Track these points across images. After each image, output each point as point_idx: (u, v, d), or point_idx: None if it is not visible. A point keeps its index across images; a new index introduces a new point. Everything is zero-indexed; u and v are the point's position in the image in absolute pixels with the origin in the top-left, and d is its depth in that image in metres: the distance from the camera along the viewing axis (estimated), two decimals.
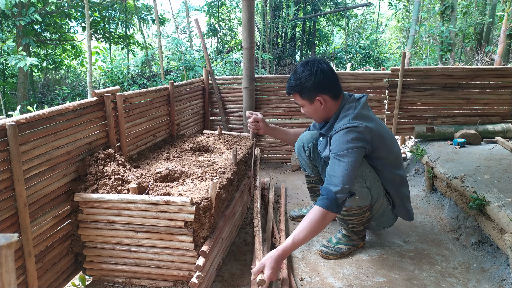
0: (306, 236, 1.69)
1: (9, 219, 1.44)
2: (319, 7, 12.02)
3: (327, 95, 1.89)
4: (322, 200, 1.70)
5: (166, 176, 2.01)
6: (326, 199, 1.69)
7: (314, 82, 1.85)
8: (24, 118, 1.50)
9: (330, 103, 1.91)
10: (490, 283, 1.81)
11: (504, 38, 6.19)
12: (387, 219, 2.10)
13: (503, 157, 2.90)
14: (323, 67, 1.87)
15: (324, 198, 1.70)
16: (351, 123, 1.78)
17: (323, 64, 1.88)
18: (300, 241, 1.69)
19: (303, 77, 1.86)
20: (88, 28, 5.86)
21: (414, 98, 3.64)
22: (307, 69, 1.86)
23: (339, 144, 1.75)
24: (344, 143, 1.74)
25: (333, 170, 1.74)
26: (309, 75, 1.85)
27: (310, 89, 1.87)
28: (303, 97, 1.91)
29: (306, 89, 1.87)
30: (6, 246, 0.56)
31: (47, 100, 8.47)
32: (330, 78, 1.87)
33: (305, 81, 1.86)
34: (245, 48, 3.54)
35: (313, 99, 1.89)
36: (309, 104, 1.93)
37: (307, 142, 2.18)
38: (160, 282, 1.76)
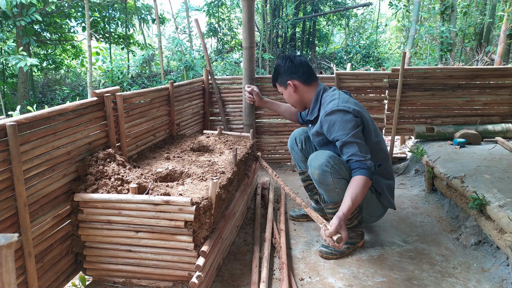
0: (358, 199, 1.78)
1: (9, 219, 1.44)
2: (319, 7, 12.02)
3: (297, 80, 2.13)
4: (360, 170, 1.84)
5: (166, 176, 2.01)
6: (364, 169, 1.84)
7: (284, 69, 2.14)
8: (24, 118, 1.50)
9: (302, 87, 2.14)
10: (490, 283, 1.81)
11: (504, 38, 6.19)
12: (375, 207, 2.13)
13: (503, 157, 2.90)
14: (292, 57, 2.15)
15: (361, 168, 1.84)
16: (340, 106, 1.95)
17: (295, 56, 2.16)
18: (357, 202, 1.78)
19: (277, 67, 2.18)
20: (88, 28, 5.86)
21: (414, 98, 3.64)
22: (282, 59, 2.18)
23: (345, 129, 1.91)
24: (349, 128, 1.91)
25: (356, 148, 1.89)
26: (282, 63, 2.16)
27: (282, 75, 2.15)
28: (279, 83, 2.20)
29: (279, 75, 2.17)
30: (6, 246, 0.56)
31: (47, 100, 8.47)
32: (298, 65, 2.12)
33: (278, 68, 2.17)
34: (245, 48, 3.54)
35: (285, 83, 2.16)
36: (284, 90, 2.20)
37: (299, 135, 2.39)
38: (160, 282, 1.76)
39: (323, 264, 2.01)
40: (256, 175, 3.01)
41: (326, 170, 1.90)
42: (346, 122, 1.91)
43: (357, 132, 1.91)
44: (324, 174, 1.91)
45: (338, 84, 3.60)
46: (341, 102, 1.98)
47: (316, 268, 1.97)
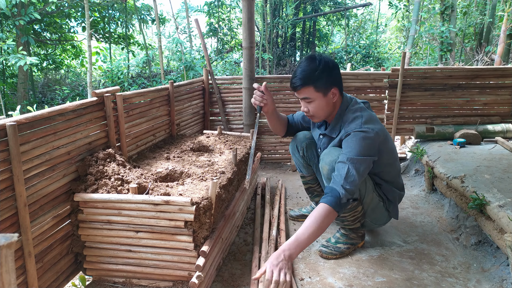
0: (312, 234, 1.62)
1: (9, 219, 1.44)
2: (319, 7, 12.02)
3: (338, 88, 1.89)
4: (326, 197, 1.71)
5: (166, 176, 2.01)
6: (330, 196, 1.70)
7: (330, 73, 1.82)
8: (24, 118, 1.50)
9: (338, 97, 1.92)
10: (490, 283, 1.81)
11: (504, 38, 6.19)
12: (380, 215, 2.10)
13: (503, 157, 2.89)
14: (334, 62, 1.88)
15: (328, 196, 1.70)
16: (363, 128, 1.79)
17: (335, 62, 1.90)
18: (305, 239, 1.61)
19: (319, 69, 1.80)
20: (88, 28, 5.86)
21: (414, 98, 3.64)
22: (323, 61, 1.82)
23: (354, 149, 1.76)
24: (359, 150, 1.75)
25: (343, 172, 1.73)
26: (326, 66, 1.81)
27: (327, 80, 1.82)
28: (318, 89, 1.83)
29: (322, 80, 1.81)
30: (6, 246, 0.56)
31: (47, 100, 8.46)
32: (340, 72, 1.91)
33: (320, 72, 1.80)
34: (245, 48, 3.54)
35: (328, 90, 1.85)
36: (323, 97, 1.86)
37: (300, 142, 2.22)
38: (160, 282, 1.76)
39: (323, 264, 2.01)
40: (256, 175, 3.01)
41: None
42: (358, 144, 1.76)
43: (360, 159, 1.74)
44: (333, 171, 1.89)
45: None
46: (364, 122, 1.82)
47: (316, 268, 1.97)
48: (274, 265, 1.50)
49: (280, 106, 3.75)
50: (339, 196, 1.69)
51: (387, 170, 2.02)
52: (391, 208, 2.10)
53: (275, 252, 1.58)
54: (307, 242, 1.62)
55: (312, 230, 1.61)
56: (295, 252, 1.58)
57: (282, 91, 3.74)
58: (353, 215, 2.00)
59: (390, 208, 2.09)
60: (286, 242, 1.62)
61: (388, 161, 2.00)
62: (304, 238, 1.61)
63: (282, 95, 3.74)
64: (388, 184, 2.06)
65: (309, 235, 1.61)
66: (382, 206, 2.06)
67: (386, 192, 2.06)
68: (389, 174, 2.05)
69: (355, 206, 1.96)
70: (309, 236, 1.61)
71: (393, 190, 2.07)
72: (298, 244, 1.60)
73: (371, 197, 2.00)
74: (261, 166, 3.79)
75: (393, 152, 2.05)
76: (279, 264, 1.51)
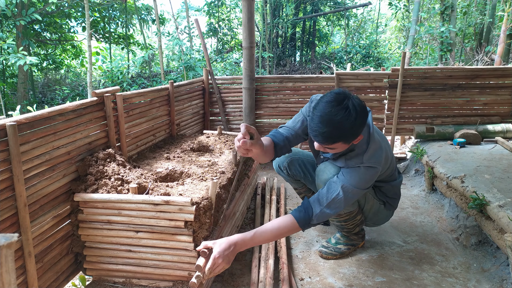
0: (267, 239, 1.60)
1: (9, 219, 1.44)
2: (319, 7, 12.02)
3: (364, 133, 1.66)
4: (299, 211, 1.63)
5: (166, 176, 2.01)
6: (302, 213, 1.63)
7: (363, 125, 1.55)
8: (24, 118, 1.50)
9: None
10: (490, 283, 1.81)
11: (504, 38, 6.19)
12: (382, 216, 2.08)
13: (503, 157, 2.89)
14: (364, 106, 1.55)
15: (301, 211, 1.63)
16: (365, 163, 1.64)
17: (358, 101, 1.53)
18: (260, 241, 1.60)
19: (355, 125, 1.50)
20: (88, 28, 5.86)
21: (414, 98, 3.64)
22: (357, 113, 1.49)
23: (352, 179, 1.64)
24: (357, 182, 1.64)
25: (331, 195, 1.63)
26: (361, 119, 1.52)
27: (356, 133, 1.55)
28: (348, 142, 1.57)
29: (355, 134, 1.55)
30: (6, 246, 0.56)
31: (47, 100, 8.46)
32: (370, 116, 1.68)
33: (357, 128, 1.52)
34: (245, 48, 3.54)
35: (355, 139, 1.60)
36: (346, 145, 1.61)
37: (281, 163, 2.12)
38: (160, 282, 1.76)
39: (323, 264, 2.01)
40: (256, 175, 3.01)
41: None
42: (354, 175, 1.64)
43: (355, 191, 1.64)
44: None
45: (338, 84, 3.60)
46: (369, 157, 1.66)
47: (316, 268, 1.97)
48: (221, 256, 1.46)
49: (280, 106, 3.75)
50: (311, 217, 1.62)
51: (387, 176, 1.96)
52: (391, 202, 2.05)
53: (225, 239, 1.51)
54: (258, 244, 1.63)
55: (270, 236, 1.61)
56: (243, 248, 1.56)
57: (282, 91, 3.74)
58: (353, 223, 2.00)
59: (394, 204, 2.06)
60: (241, 236, 1.55)
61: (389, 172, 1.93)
62: (259, 241, 1.59)
63: (282, 95, 3.74)
64: (388, 184, 2.02)
65: (265, 240, 1.61)
66: (383, 209, 2.04)
67: (387, 191, 2.03)
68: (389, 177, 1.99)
69: (354, 216, 1.95)
70: (265, 240, 1.61)
71: (392, 186, 2.02)
72: (251, 244, 1.58)
73: (372, 203, 1.98)
74: (261, 166, 3.79)
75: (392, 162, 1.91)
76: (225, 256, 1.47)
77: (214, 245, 1.50)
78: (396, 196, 2.07)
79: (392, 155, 1.96)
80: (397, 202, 2.10)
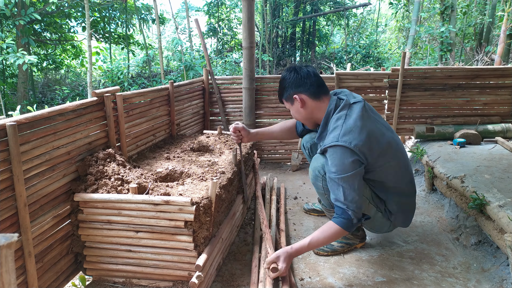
0: (320, 243, 1.81)
1: (9, 219, 1.44)
2: (319, 7, 12.03)
3: (304, 93, 1.86)
4: (339, 218, 1.76)
5: (166, 176, 2.01)
6: (343, 219, 1.76)
7: (289, 82, 1.89)
8: (24, 118, 1.50)
9: (310, 102, 1.87)
10: (490, 283, 1.81)
11: (504, 38, 6.19)
12: (379, 224, 1.97)
13: (503, 157, 2.89)
14: (298, 68, 1.90)
15: (341, 217, 1.76)
16: (340, 142, 1.70)
17: (302, 67, 1.90)
18: (314, 247, 1.83)
19: (281, 81, 1.93)
20: (88, 28, 5.86)
21: (414, 98, 3.64)
22: (286, 71, 1.93)
23: (340, 168, 1.72)
24: (344, 167, 1.71)
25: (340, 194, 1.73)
26: (287, 76, 1.91)
27: (287, 89, 1.90)
28: (286, 99, 1.94)
29: (285, 89, 1.91)
30: (6, 246, 0.56)
31: (47, 100, 8.46)
32: (305, 77, 1.86)
33: (283, 82, 1.92)
34: (245, 48, 3.54)
35: (291, 98, 1.90)
36: (291, 105, 1.94)
37: (305, 142, 2.30)
38: (160, 282, 1.76)
39: (323, 264, 2.01)
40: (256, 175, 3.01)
41: (318, 175, 1.91)
42: (340, 160, 1.71)
43: (349, 176, 1.70)
44: (316, 178, 1.93)
45: (338, 84, 3.60)
46: (342, 134, 1.71)
47: (316, 268, 1.97)
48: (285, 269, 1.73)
49: (280, 106, 3.75)
50: (351, 218, 1.75)
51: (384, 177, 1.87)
52: (392, 217, 1.95)
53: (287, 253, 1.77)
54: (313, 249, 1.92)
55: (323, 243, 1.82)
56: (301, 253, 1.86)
57: None
58: None
59: (391, 218, 1.95)
60: (298, 247, 1.80)
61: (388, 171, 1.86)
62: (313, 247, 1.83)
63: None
64: (387, 194, 1.90)
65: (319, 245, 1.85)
66: (380, 217, 1.93)
67: (386, 201, 1.92)
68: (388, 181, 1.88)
69: None
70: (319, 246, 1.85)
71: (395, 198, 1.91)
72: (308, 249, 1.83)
73: (367, 208, 1.88)
74: (261, 166, 3.79)
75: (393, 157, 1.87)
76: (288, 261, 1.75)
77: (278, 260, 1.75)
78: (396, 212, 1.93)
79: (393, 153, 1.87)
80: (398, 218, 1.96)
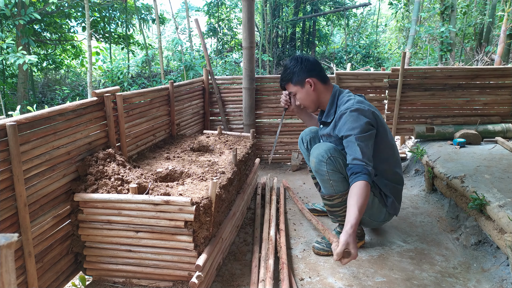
0: (362, 206, 1.75)
1: (9, 219, 1.44)
2: (319, 7, 12.03)
3: (315, 77, 2.08)
4: (362, 175, 1.80)
5: (166, 176, 2.01)
6: (365, 174, 1.80)
7: (301, 67, 2.07)
8: (24, 118, 1.50)
9: (320, 85, 2.09)
10: (490, 283, 1.81)
11: (504, 38, 6.19)
12: (377, 211, 2.08)
13: (503, 157, 2.89)
14: (307, 56, 2.12)
15: (363, 174, 1.80)
16: (355, 105, 1.92)
17: (308, 56, 2.14)
18: (363, 210, 1.76)
19: (291, 66, 2.10)
20: (88, 28, 5.86)
21: (414, 98, 3.64)
22: (294, 59, 2.11)
23: (356, 128, 1.87)
24: (361, 127, 1.87)
25: (357, 151, 1.84)
26: (296, 63, 2.09)
27: (299, 73, 2.07)
28: (295, 82, 2.10)
29: (295, 74, 2.08)
30: (6, 246, 0.56)
31: (47, 100, 8.47)
32: (315, 63, 2.10)
33: (293, 67, 2.09)
34: (245, 48, 3.54)
35: (303, 82, 2.08)
36: (301, 89, 2.10)
37: (305, 135, 2.38)
38: (160, 282, 1.76)
39: (323, 264, 2.01)
40: (256, 175, 3.01)
41: (322, 160, 1.94)
42: (357, 121, 1.88)
43: (365, 136, 1.86)
44: (320, 164, 1.96)
45: (338, 84, 3.60)
46: (356, 102, 1.96)
47: (316, 268, 1.97)
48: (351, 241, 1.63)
49: (280, 106, 3.74)
50: (370, 172, 1.81)
51: (385, 160, 2.03)
52: (388, 203, 2.07)
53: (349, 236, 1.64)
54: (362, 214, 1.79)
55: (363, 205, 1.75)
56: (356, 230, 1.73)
57: (282, 91, 3.72)
58: (345, 209, 1.98)
59: (388, 203, 2.07)
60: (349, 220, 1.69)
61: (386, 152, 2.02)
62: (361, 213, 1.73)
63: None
64: (383, 177, 2.05)
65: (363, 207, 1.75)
66: (377, 202, 2.05)
67: (381, 186, 2.06)
68: (387, 165, 2.04)
69: (345, 200, 1.94)
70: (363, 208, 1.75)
71: (389, 184, 2.06)
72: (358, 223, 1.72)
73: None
74: (261, 166, 3.79)
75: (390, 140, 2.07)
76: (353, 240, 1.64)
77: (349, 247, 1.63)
78: (392, 195, 2.07)
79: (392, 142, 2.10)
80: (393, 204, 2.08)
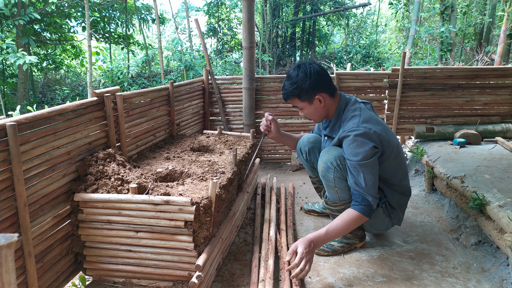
0: (339, 233, 1.81)
1: (9, 219, 1.44)
2: (319, 7, 12.03)
3: (325, 92, 1.95)
4: (359, 206, 1.82)
5: (166, 176, 2.01)
6: (363, 206, 1.82)
7: (311, 83, 1.90)
8: (24, 118, 1.50)
9: (328, 100, 1.97)
10: (490, 283, 1.81)
11: (504, 38, 6.19)
12: (379, 221, 2.04)
13: (503, 157, 2.90)
14: (315, 67, 1.93)
15: (361, 204, 1.82)
16: (360, 127, 1.83)
17: (315, 65, 1.95)
18: (332, 236, 1.81)
19: (299, 80, 1.91)
20: (88, 28, 5.86)
21: (414, 98, 3.64)
22: (301, 71, 1.91)
23: (360, 154, 1.81)
24: (365, 153, 1.81)
25: (361, 180, 1.83)
26: (305, 77, 1.90)
27: (308, 90, 1.92)
28: (302, 99, 1.96)
29: (304, 90, 1.92)
30: (6, 246, 0.56)
31: (47, 100, 8.47)
32: (325, 76, 1.94)
33: (301, 83, 1.91)
34: (245, 48, 3.54)
35: (312, 99, 1.95)
36: (309, 105, 1.97)
37: (303, 146, 2.27)
38: (160, 282, 1.76)
39: (323, 264, 2.01)
40: (256, 175, 3.01)
41: (330, 167, 1.92)
42: (361, 147, 1.81)
43: (370, 162, 1.81)
44: (328, 170, 1.94)
45: (338, 84, 3.60)
46: (361, 121, 1.85)
47: (316, 268, 1.97)
48: (305, 253, 1.69)
49: (280, 106, 3.75)
50: (370, 204, 1.82)
51: (392, 175, 1.98)
52: (393, 214, 2.03)
53: (304, 239, 1.75)
54: (332, 239, 1.85)
55: (342, 232, 1.82)
56: (319, 245, 1.80)
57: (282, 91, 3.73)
58: None
59: (392, 214, 2.03)
60: (315, 234, 1.79)
61: (393, 167, 1.97)
62: (332, 236, 1.82)
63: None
64: (390, 189, 2.00)
65: (338, 235, 1.83)
66: (381, 213, 2.01)
67: (388, 197, 2.00)
68: (394, 179, 1.99)
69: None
70: (337, 236, 1.83)
71: (396, 195, 2.01)
72: (325, 240, 1.81)
73: None
74: (261, 166, 3.79)
75: (397, 155, 1.99)
76: (308, 254, 1.71)
77: (295, 247, 1.72)
78: (397, 207, 2.03)
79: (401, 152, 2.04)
80: (397, 215, 2.06)
